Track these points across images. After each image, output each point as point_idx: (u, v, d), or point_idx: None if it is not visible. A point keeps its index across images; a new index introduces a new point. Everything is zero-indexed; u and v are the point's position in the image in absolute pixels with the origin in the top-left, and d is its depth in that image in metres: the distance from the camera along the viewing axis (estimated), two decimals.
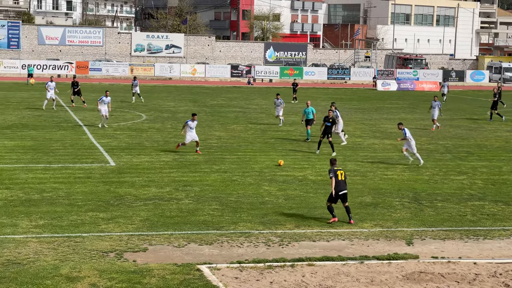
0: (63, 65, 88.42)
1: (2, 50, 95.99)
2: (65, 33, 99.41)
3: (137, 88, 56.85)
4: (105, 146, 33.62)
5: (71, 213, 20.86)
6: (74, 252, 17.09)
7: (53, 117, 44.50)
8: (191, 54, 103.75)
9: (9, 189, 23.80)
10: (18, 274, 15.29)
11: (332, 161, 21.40)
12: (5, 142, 33.70)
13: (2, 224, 19.35)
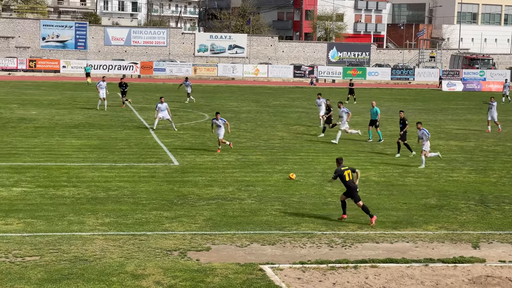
0: (128, 65, 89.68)
1: (70, 50, 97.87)
2: (130, 34, 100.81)
3: (188, 89, 57.01)
4: (168, 145, 33.96)
5: (136, 212, 21.13)
6: (139, 250, 17.30)
7: (118, 116, 45.15)
8: (254, 54, 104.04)
9: (76, 187, 24.24)
10: (85, 271, 15.56)
11: (338, 161, 21.05)
12: (73, 141, 34.34)
13: (69, 221, 19.73)
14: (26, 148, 31.92)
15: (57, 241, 17.77)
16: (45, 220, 19.75)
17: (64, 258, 16.40)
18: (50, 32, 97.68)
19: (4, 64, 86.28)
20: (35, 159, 29.34)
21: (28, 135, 35.73)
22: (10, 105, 49.74)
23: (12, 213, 20.35)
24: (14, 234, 18.25)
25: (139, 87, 71.10)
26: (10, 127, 38.74)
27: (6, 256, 16.43)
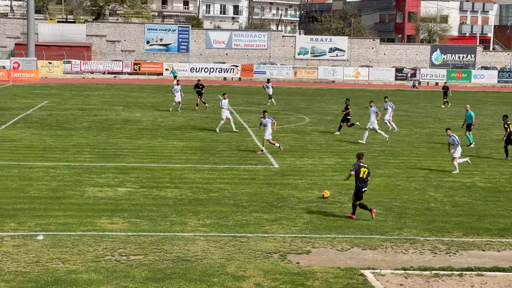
0: (229, 68, 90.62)
1: (173, 53, 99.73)
2: (232, 37, 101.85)
3: (270, 90, 56.75)
4: (268, 148, 34.06)
5: (237, 213, 21.28)
6: (240, 252, 17.41)
7: (219, 119, 45.60)
8: (354, 57, 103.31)
9: (178, 188, 24.63)
10: (187, 271, 15.78)
11: (358, 156, 21.19)
12: (175, 143, 34.94)
13: (172, 222, 20.06)
14: (131, 149, 32.68)
15: (160, 241, 18.09)
16: (148, 220, 20.15)
17: (167, 258, 16.68)
18: (154, 36, 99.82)
19: (110, 67, 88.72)
20: (139, 160, 30.00)
21: (133, 137, 36.58)
22: (115, 107, 51.07)
23: (117, 213, 20.86)
24: (119, 233, 18.69)
25: (239, 90, 71.72)
26: (116, 128, 39.77)
27: (112, 254, 16.85)
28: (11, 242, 17.55)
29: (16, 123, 40.49)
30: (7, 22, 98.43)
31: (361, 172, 20.82)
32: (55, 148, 32.35)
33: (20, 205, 21.40)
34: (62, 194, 23.14)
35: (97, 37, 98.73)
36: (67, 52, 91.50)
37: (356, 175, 20.85)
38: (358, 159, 21.20)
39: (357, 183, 20.89)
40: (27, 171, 26.75)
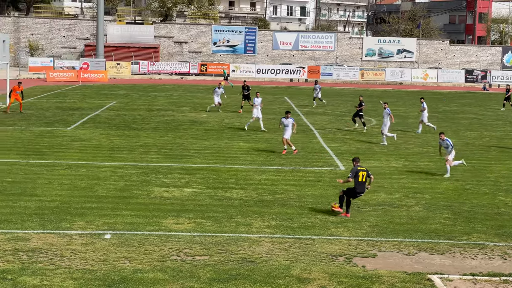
0: (295, 69, 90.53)
1: (239, 55, 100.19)
2: (298, 38, 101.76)
3: (317, 92, 56.04)
4: (335, 150, 33.89)
5: (302, 215, 21.20)
6: (305, 254, 17.32)
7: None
8: (423, 59, 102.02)
9: (243, 189, 24.67)
10: (251, 272, 15.77)
11: (355, 160, 21.30)
12: (241, 144, 35.04)
13: (237, 223, 20.09)
14: (197, 150, 32.90)
15: (225, 242, 18.13)
16: (214, 221, 20.23)
17: (232, 259, 16.71)
18: (221, 37, 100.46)
19: (177, 68, 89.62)
20: (205, 160, 30.18)
21: (199, 138, 36.83)
22: (182, 108, 51.52)
23: (183, 213, 21.01)
24: (185, 233, 18.81)
25: (305, 91, 71.54)
26: (182, 129, 40.11)
27: (178, 254, 16.96)
28: (80, 241, 17.84)
29: (85, 123, 41.22)
30: (77, 24, 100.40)
31: (360, 176, 20.95)
32: (122, 148, 32.80)
33: (89, 204, 21.75)
34: (129, 193, 23.42)
35: (164, 38, 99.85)
36: (135, 53, 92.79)
37: (356, 179, 20.98)
38: (355, 163, 21.26)
39: (355, 187, 21.03)
40: (95, 170, 27.18)
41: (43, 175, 25.98)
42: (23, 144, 32.96)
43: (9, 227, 18.89)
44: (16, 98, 45.06)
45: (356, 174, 21.04)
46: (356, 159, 21.58)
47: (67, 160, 29.11)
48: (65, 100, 55.28)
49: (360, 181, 21.03)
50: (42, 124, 40.15)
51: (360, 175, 21.05)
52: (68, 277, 15.10)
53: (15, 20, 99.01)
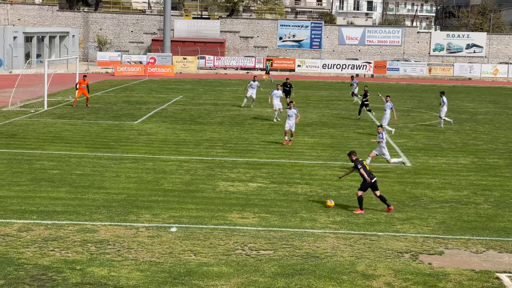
0: (362, 64, 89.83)
1: (305, 50, 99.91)
2: (365, 33, 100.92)
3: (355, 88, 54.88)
4: (401, 146, 33.53)
5: (367, 212, 21.04)
6: (370, 250, 17.20)
7: (351, 116, 45.35)
8: (493, 54, 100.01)
9: (308, 184, 24.63)
10: (316, 267, 15.73)
11: (351, 153, 21.28)
12: (306, 139, 34.97)
13: (302, 218, 20.07)
14: (262, 145, 32.96)
15: (290, 237, 18.13)
16: (278, 216, 20.24)
17: (297, 254, 16.70)
18: (287, 32, 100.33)
19: (243, 63, 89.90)
20: (269, 155, 30.22)
21: (264, 132, 36.88)
22: (248, 103, 51.60)
23: (248, 207, 21.09)
24: (250, 228, 18.88)
25: (371, 87, 70.89)
26: (247, 124, 40.22)
27: (243, 248, 17.04)
28: (146, 233, 18.08)
29: (152, 117, 41.71)
30: (144, 19, 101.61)
31: (366, 165, 21.13)
32: (188, 142, 33.09)
33: (155, 197, 22.02)
34: (195, 187, 23.62)
35: (230, 33, 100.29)
36: (201, 47, 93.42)
37: (365, 169, 21.02)
38: (354, 157, 21.19)
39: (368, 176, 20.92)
40: (162, 164, 27.49)
41: (111, 168, 26.40)
42: (92, 137, 33.56)
43: (78, 218, 19.27)
44: (83, 93, 45.69)
45: (363, 165, 21.09)
46: (352, 152, 21.50)
47: (134, 154, 29.52)
48: (132, 94, 56.06)
49: (368, 170, 21.14)
50: (110, 118, 40.80)
51: (364, 164, 21.20)
52: (135, 268, 15.32)
53: (85, 15, 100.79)
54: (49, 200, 21.14)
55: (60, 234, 17.74)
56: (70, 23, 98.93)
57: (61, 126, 36.94)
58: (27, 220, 18.92)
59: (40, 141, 31.99)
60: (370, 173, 21.14)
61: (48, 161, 27.36)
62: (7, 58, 74.97)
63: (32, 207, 20.30)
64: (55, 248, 16.54)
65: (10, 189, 22.41)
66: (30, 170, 25.53)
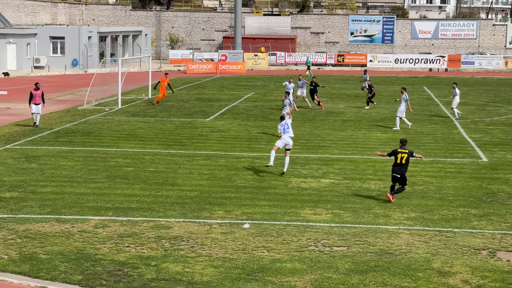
0: (435, 58, 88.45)
1: (376, 45, 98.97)
2: (438, 27, 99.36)
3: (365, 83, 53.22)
4: (477, 141, 32.88)
5: (442, 208, 20.69)
6: (446, 247, 16.89)
7: (424, 111, 44.68)
8: None
9: (382, 180, 24.35)
10: (390, 264, 15.53)
11: (401, 141, 21.32)
12: (378, 135, 34.62)
13: (375, 215, 19.86)
14: (334, 140, 32.78)
15: (363, 233, 17.96)
16: (351, 212, 20.08)
17: (370, 250, 16.52)
18: (358, 27, 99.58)
19: (314, 59, 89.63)
20: (342, 151, 30.02)
21: (336, 128, 36.67)
22: (319, 99, 51.38)
23: (320, 204, 20.98)
24: (322, 224, 18.78)
25: (445, 81, 69.79)
26: (319, 120, 40.06)
27: (316, 245, 16.95)
28: (219, 230, 18.17)
29: (224, 114, 41.95)
30: (216, 16, 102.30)
31: (398, 158, 20.91)
32: (260, 139, 33.13)
33: (228, 194, 22.11)
34: (267, 184, 23.63)
35: (301, 29, 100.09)
36: (272, 44, 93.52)
37: (395, 160, 21.04)
38: (401, 145, 21.19)
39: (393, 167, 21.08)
40: (234, 161, 27.60)
41: (184, 165, 26.64)
42: (165, 135, 33.94)
43: (152, 215, 19.50)
44: (162, 91, 45.82)
45: (394, 154, 21.10)
46: (402, 141, 21.35)
47: (207, 151, 29.72)
48: (204, 91, 56.51)
49: (397, 162, 20.97)
50: (182, 115, 41.19)
51: (398, 156, 21.00)
52: (208, 265, 15.41)
53: (157, 14, 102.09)
54: (124, 197, 21.47)
55: (135, 230, 17.99)
56: (143, 22, 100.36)
57: (135, 124, 37.49)
58: (103, 216, 19.25)
59: (114, 138, 32.53)
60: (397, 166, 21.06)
61: (123, 158, 27.80)
62: (82, 58, 76.56)
63: (108, 203, 20.64)
64: (130, 244, 16.78)
65: (86, 186, 22.85)
66: (105, 167, 25.98)
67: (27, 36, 74.69)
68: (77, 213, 19.53)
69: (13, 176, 24.15)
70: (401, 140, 21.47)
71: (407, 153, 21.03)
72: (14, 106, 43.69)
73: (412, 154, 21.14)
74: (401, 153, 21.07)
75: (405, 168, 21.10)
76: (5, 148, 29.46)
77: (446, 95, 55.02)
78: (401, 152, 21.10)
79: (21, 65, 73.28)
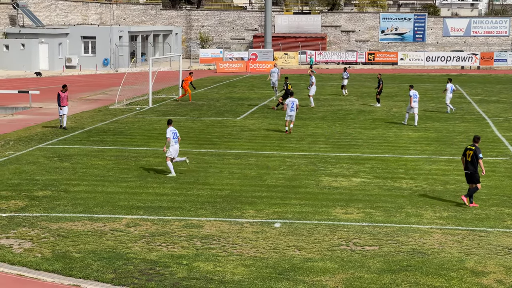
0: (467, 56, 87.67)
1: (408, 43, 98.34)
2: (470, 24, 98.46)
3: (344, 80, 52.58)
4: (510, 139, 32.53)
5: (475, 207, 20.47)
6: (479, 247, 16.72)
7: (457, 109, 44.29)
8: None
9: (413, 179, 24.19)
10: (423, 264, 15.41)
11: (474, 138, 21.14)
12: (410, 133, 34.39)
13: (407, 214, 19.72)
14: (365, 139, 32.62)
15: (395, 233, 17.84)
16: (383, 211, 19.96)
17: (402, 250, 16.41)
18: (389, 25, 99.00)
19: (344, 57, 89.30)
20: (373, 150, 29.86)
21: (367, 127, 36.49)
22: (350, 98, 51.26)
23: (352, 203, 20.89)
24: (354, 223, 18.69)
25: (477, 79, 69.18)
26: (350, 118, 39.90)
27: (347, 244, 16.87)
28: (250, 229, 18.15)
29: (254, 113, 41.94)
30: (246, 15, 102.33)
31: (466, 155, 20.70)
32: (290, 137, 33.07)
33: (259, 193, 22.09)
34: (298, 183, 23.57)
35: (331, 27, 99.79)
36: (302, 43, 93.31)
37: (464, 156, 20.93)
38: (473, 141, 21.07)
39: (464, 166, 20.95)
40: (265, 160, 27.58)
41: (214, 164, 26.68)
42: (195, 134, 34.02)
43: (184, 214, 19.55)
44: (186, 89, 47.06)
45: (464, 151, 20.94)
46: (475, 139, 21.12)
47: (237, 150, 29.73)
48: (234, 90, 56.54)
49: (466, 159, 20.75)
50: (213, 114, 41.26)
51: (467, 153, 20.81)
52: (240, 264, 15.40)
53: (187, 13, 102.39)
54: (155, 196, 21.55)
55: (167, 229, 18.04)
56: (173, 21, 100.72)
57: (166, 123, 37.58)
58: (135, 215, 19.34)
59: (145, 138, 32.68)
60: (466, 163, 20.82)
61: (154, 157, 27.91)
62: (113, 57, 77.04)
63: (139, 202, 20.74)
64: (161, 243, 16.83)
65: (118, 185, 22.98)
66: (137, 166, 26.11)
67: (58, 36, 75.34)
68: (109, 212, 19.64)
69: (45, 175, 24.36)
70: (474, 137, 21.30)
71: (473, 150, 20.78)
72: (46, 105, 44.08)
73: (479, 151, 20.73)
74: (469, 149, 20.92)
75: (473, 165, 20.71)
76: (38, 147, 29.74)
77: (479, 93, 54.58)
78: (469, 149, 20.95)
79: (53, 64, 73.95)
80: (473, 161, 20.64)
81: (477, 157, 20.58)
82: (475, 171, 20.62)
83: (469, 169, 20.66)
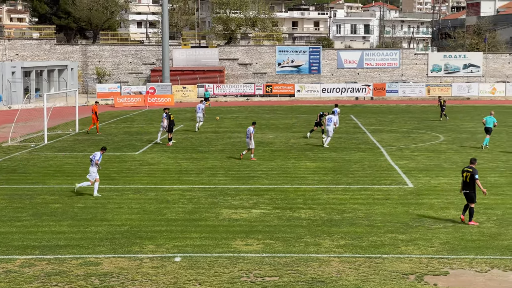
0: (361, 87, 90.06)
1: (304, 75, 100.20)
2: (363, 56, 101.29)
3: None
4: (402, 167, 33.52)
5: (371, 234, 21.00)
6: (375, 273, 17.14)
7: (352, 139, 45.36)
8: (490, 73, 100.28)
9: (312, 209, 24.59)
10: None
11: (471, 160, 22.64)
12: (307, 164, 34.96)
13: (306, 243, 20.02)
14: (264, 170, 32.96)
15: (295, 262, 18.08)
16: (282, 241, 20.20)
17: (302, 279, 16.64)
18: (285, 58, 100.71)
19: (242, 90, 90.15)
20: (272, 181, 30.20)
21: (266, 158, 36.89)
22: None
23: (252, 234, 21.04)
24: (254, 255, 18.82)
25: (371, 109, 71.10)
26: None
27: (248, 276, 16.98)
28: (150, 264, 18.02)
29: (153, 147, 41.75)
30: (143, 49, 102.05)
31: (464, 176, 22.10)
32: (190, 171, 33.08)
33: (158, 227, 21.98)
34: (198, 216, 23.59)
35: (229, 60, 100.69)
36: (200, 76, 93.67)
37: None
38: (470, 163, 22.49)
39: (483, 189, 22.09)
40: (164, 194, 27.47)
41: (113, 199, 26.39)
42: None
43: (81, 252, 19.22)
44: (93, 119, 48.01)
45: (462, 173, 22.33)
46: (472, 160, 22.62)
47: (136, 184, 29.51)
48: (132, 125, 56.16)
49: (464, 180, 22.11)
50: (111, 149, 40.80)
51: (464, 175, 22.19)
52: None
53: (83, 47, 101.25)
54: (51, 235, 21.11)
55: (63, 268, 17.69)
56: (69, 56, 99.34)
57: (62, 159, 36.97)
58: (30, 255, 18.88)
59: (41, 175, 32.00)
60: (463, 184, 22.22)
61: (50, 195, 27.36)
62: (6, 94, 75.21)
63: (34, 242, 20.26)
64: (58, 283, 16.48)
65: (11, 225, 22.38)
66: (32, 204, 25.52)
67: None
68: (1, 253, 19.10)
69: None
70: (471, 159, 22.68)
71: (470, 172, 21.99)
72: None
73: (475, 173, 21.92)
74: (466, 171, 22.13)
75: (470, 186, 21.96)
76: None
77: (372, 123, 56.06)
78: (466, 170, 22.16)
79: None
80: (471, 182, 21.94)
81: (473, 178, 21.86)
82: (472, 191, 21.96)
83: (466, 189, 22.08)
